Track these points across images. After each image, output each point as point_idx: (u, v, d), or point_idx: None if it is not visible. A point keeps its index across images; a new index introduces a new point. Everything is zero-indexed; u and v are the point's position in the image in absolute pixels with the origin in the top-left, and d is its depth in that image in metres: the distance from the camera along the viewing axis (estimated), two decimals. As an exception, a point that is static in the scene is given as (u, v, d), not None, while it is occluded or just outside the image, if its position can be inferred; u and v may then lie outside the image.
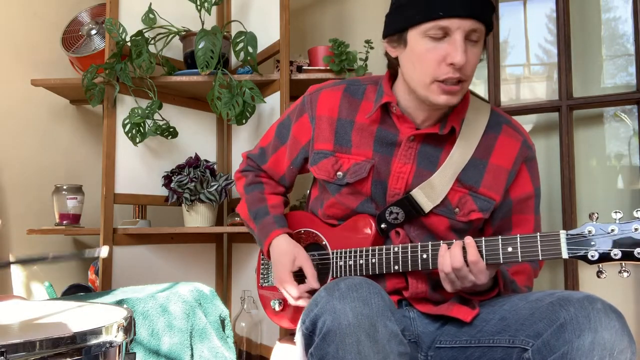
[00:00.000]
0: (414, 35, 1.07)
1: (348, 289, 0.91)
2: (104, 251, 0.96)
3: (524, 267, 1.18)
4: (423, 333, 1.13)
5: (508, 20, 1.93)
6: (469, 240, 1.01)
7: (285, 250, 1.23)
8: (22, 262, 0.90)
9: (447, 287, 1.06)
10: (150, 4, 2.03)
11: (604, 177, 1.75)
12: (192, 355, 1.35)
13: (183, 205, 2.02)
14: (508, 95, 1.93)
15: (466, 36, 1.03)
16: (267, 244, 1.27)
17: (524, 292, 1.16)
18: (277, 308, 1.29)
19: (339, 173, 1.19)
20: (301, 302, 1.19)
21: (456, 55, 1.01)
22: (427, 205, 1.13)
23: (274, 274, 1.25)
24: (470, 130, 1.15)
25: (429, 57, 1.05)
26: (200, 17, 1.96)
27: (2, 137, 2.02)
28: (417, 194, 1.13)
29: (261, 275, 1.38)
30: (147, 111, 1.92)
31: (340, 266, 1.19)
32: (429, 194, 1.13)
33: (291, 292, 1.20)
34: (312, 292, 1.17)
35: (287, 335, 1.39)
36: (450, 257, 1.02)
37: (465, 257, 1.01)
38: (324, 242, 1.24)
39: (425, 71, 1.06)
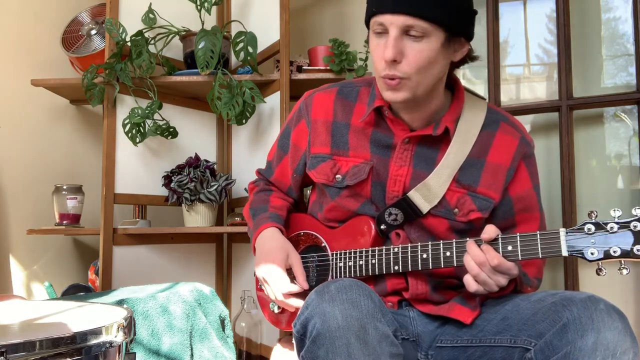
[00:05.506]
0: (370, 32, 1.10)
1: (337, 292, 0.91)
2: None
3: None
4: (423, 332, 1.13)
5: (508, 20, 1.93)
6: (485, 246, 1.00)
7: (280, 245, 1.20)
8: None
9: (473, 288, 1.02)
10: (150, 4, 2.03)
11: (604, 177, 1.75)
12: (192, 355, 1.35)
13: (183, 205, 2.02)
14: (508, 95, 1.92)
15: (405, 32, 1.03)
16: (256, 236, 1.24)
17: (534, 284, 1.16)
18: (275, 310, 1.28)
19: (338, 176, 1.19)
20: (291, 301, 1.15)
21: (385, 51, 1.03)
22: (424, 206, 1.12)
23: (259, 265, 1.19)
24: (466, 129, 1.14)
25: (375, 53, 1.08)
26: (200, 17, 1.96)
27: (2, 137, 2.02)
28: (414, 195, 1.12)
29: (260, 276, 1.37)
30: (147, 111, 1.92)
31: (340, 267, 1.18)
32: (425, 195, 1.12)
33: (282, 284, 1.14)
34: (300, 296, 1.14)
35: (287, 335, 1.39)
36: (471, 256, 1.01)
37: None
38: (323, 244, 1.24)
39: (375, 67, 1.10)
